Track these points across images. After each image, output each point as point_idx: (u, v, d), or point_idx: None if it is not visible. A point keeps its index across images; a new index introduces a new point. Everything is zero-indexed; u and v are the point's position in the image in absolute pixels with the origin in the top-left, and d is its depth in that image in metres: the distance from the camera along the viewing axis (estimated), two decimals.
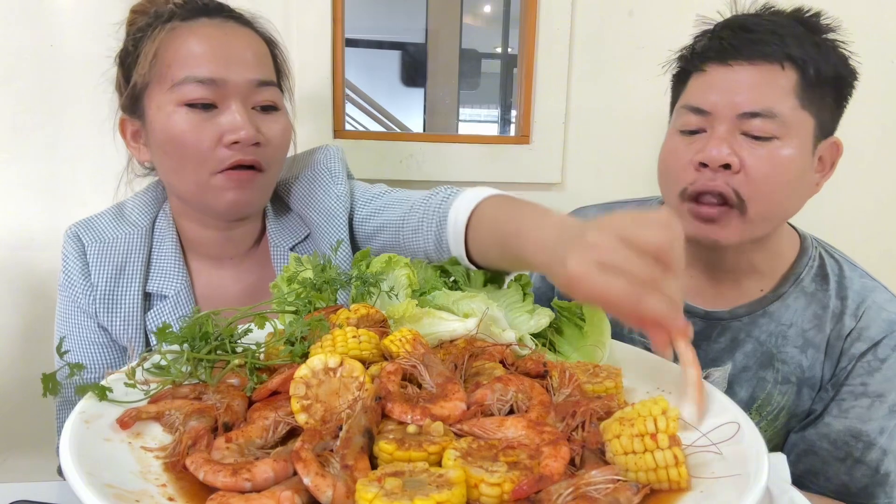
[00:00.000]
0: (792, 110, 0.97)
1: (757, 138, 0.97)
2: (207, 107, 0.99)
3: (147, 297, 1.10)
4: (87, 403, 0.64)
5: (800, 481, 1.08)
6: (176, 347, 0.73)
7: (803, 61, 0.97)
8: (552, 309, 0.94)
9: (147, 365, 0.72)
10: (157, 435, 0.63)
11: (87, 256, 1.09)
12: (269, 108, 1.04)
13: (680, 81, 1.10)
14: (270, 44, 1.10)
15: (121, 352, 1.09)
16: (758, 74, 0.97)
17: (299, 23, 1.64)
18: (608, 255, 0.62)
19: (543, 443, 0.58)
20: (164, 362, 0.72)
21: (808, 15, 1.02)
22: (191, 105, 0.98)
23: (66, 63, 1.60)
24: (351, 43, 1.88)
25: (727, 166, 0.97)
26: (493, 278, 1.03)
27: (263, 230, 1.19)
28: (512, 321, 0.90)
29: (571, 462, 0.58)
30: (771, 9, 1.04)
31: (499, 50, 3.28)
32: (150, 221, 1.14)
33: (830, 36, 1.01)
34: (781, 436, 1.14)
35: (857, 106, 2.02)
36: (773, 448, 1.14)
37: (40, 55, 1.59)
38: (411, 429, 0.60)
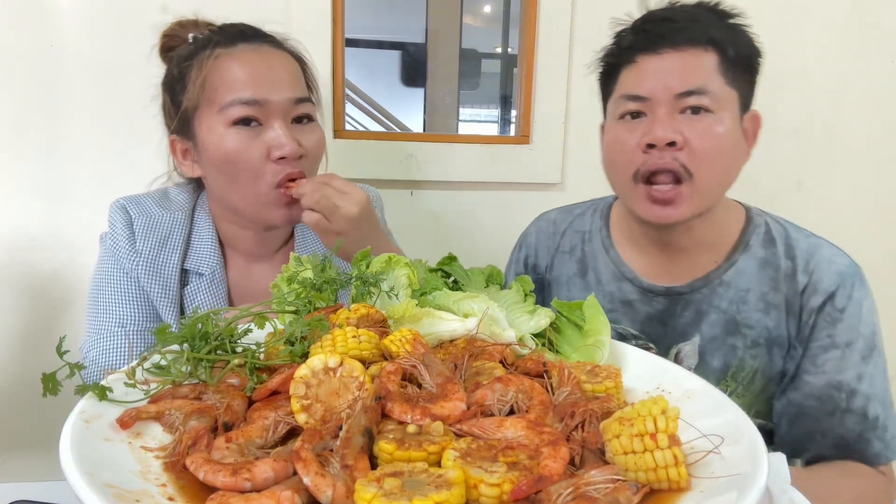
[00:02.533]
0: (720, 86, 1.06)
1: (695, 114, 1.05)
2: (253, 124, 1.09)
3: (184, 274, 1.19)
4: (87, 403, 0.64)
5: (800, 445, 1.10)
6: (176, 347, 0.73)
7: (723, 42, 1.06)
8: (552, 309, 0.95)
9: (147, 365, 0.72)
10: (157, 435, 0.63)
11: (134, 226, 1.16)
12: (305, 121, 1.15)
13: (609, 77, 1.17)
14: (301, 62, 1.20)
15: (156, 314, 1.16)
16: (686, 58, 1.06)
17: (299, 23, 1.64)
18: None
19: (543, 443, 0.58)
20: (164, 362, 0.72)
21: (713, 4, 1.12)
22: (237, 123, 1.08)
23: (66, 63, 1.61)
24: (351, 43, 1.88)
25: (672, 144, 1.04)
26: (494, 278, 1.03)
27: (293, 232, 1.30)
28: (512, 321, 0.90)
29: (571, 462, 0.58)
30: (678, 3, 1.13)
31: (499, 50, 3.28)
32: (191, 207, 1.23)
33: (738, 20, 1.11)
34: (762, 402, 1.16)
35: (857, 106, 2.03)
36: (755, 414, 1.17)
37: (40, 55, 1.59)
38: (411, 429, 0.60)
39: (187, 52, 1.13)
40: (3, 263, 1.65)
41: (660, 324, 1.20)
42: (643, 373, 0.81)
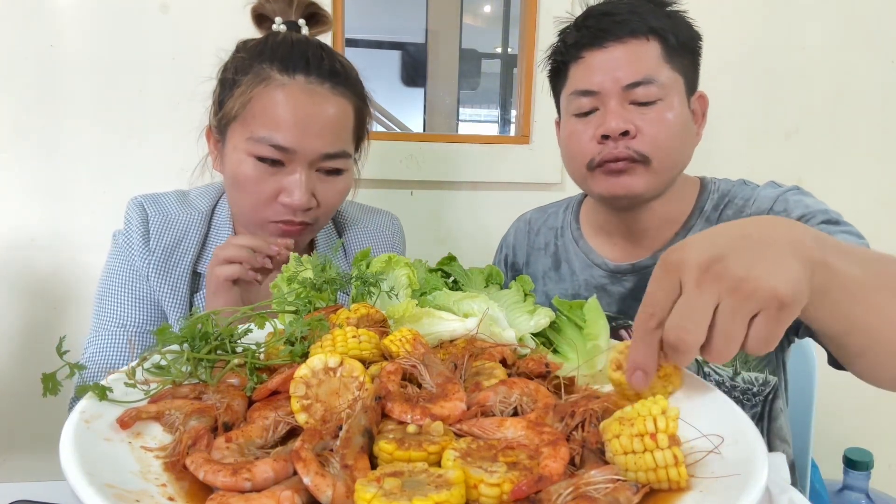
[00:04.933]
0: (666, 73, 1.10)
1: (644, 104, 1.09)
2: (275, 162, 1.07)
3: (196, 277, 1.17)
4: (87, 403, 0.64)
5: None
6: (176, 347, 0.73)
7: (663, 30, 1.10)
8: (553, 308, 0.95)
9: (147, 365, 0.72)
10: (157, 435, 0.63)
11: (149, 224, 1.16)
12: (333, 172, 1.12)
13: (558, 75, 1.21)
14: (358, 103, 1.14)
15: (162, 316, 1.15)
16: (630, 49, 1.09)
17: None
18: None
19: (543, 443, 0.58)
20: (164, 362, 0.72)
21: None
22: (261, 158, 1.06)
23: (66, 63, 1.61)
24: (351, 43, 1.88)
25: (626, 133, 1.08)
26: (494, 278, 1.03)
27: (313, 240, 1.28)
28: (512, 321, 0.90)
29: (571, 462, 0.58)
30: None
31: (499, 50, 3.27)
32: (210, 209, 1.22)
33: (675, 8, 1.14)
34: (762, 357, 1.15)
35: (857, 106, 2.03)
36: (770, 373, 1.17)
37: (40, 55, 1.59)
38: (411, 429, 0.60)
39: (249, 58, 1.09)
40: (3, 263, 1.65)
41: (634, 300, 1.22)
42: None
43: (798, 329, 1.10)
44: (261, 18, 1.16)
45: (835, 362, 0.97)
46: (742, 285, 0.58)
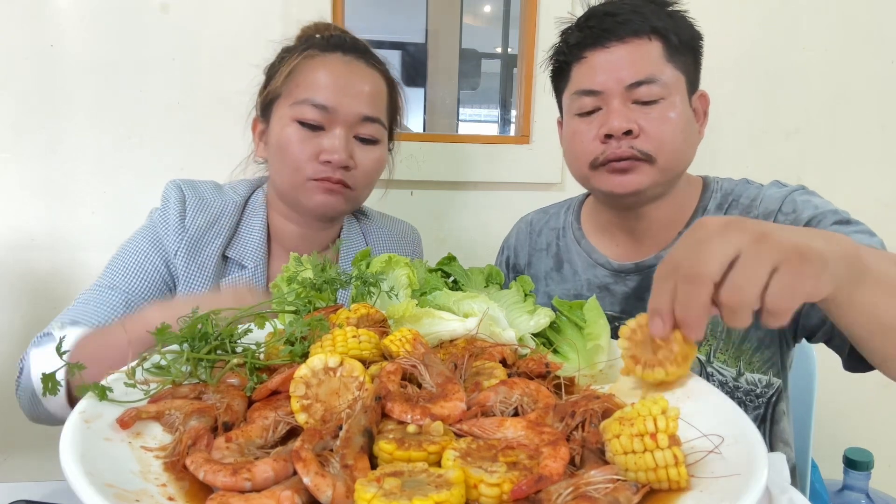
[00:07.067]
0: (668, 73, 1.10)
1: (646, 103, 1.09)
2: (316, 128, 1.15)
3: (224, 261, 1.21)
4: (87, 403, 0.64)
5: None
6: (176, 347, 0.73)
7: (665, 30, 1.10)
8: (553, 308, 0.95)
9: (147, 365, 0.72)
10: (157, 434, 0.63)
11: (186, 204, 1.20)
12: (369, 141, 1.19)
13: (560, 76, 1.22)
14: (391, 85, 1.26)
15: (160, 298, 1.17)
16: (632, 49, 1.10)
17: (299, 23, 1.64)
18: None
19: (543, 443, 0.58)
20: (164, 362, 0.72)
21: None
22: (303, 123, 1.14)
23: (66, 63, 1.60)
24: None
25: (629, 132, 1.08)
26: (494, 278, 1.03)
27: (339, 233, 1.33)
28: (512, 321, 0.90)
29: (571, 462, 0.58)
30: None
31: (499, 50, 3.27)
32: (244, 198, 1.27)
33: (676, 7, 1.15)
34: (766, 358, 1.16)
35: (857, 106, 2.03)
36: (774, 374, 1.17)
37: (40, 55, 1.59)
38: (411, 429, 0.60)
39: (294, 43, 1.22)
40: (3, 263, 1.64)
41: (637, 300, 1.23)
42: None
43: (812, 334, 1.10)
44: None
45: (852, 367, 0.98)
46: (765, 237, 0.61)
